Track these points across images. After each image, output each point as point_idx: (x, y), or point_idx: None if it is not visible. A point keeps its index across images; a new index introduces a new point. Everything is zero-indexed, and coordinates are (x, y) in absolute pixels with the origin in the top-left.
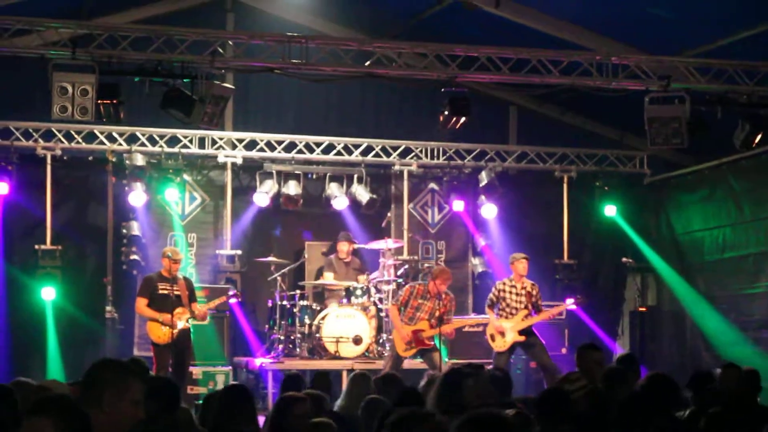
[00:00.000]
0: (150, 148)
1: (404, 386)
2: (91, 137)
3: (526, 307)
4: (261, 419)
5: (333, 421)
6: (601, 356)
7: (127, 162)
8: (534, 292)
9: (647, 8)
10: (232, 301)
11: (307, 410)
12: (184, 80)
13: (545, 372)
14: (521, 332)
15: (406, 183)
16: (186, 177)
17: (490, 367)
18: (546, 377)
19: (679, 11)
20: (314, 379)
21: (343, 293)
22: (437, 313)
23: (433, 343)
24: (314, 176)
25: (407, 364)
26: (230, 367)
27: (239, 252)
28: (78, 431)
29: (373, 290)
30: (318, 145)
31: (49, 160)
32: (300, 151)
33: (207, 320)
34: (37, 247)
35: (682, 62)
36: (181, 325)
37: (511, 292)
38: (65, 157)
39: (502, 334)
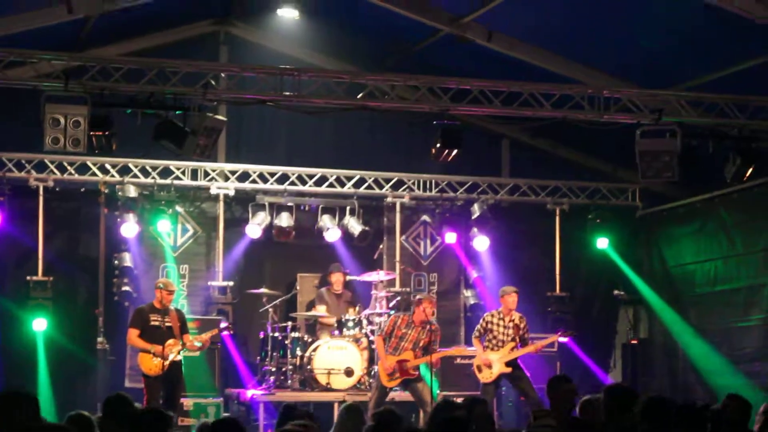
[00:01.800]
0: (142, 179)
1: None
2: (83, 169)
3: (513, 340)
4: None
5: None
6: (572, 387)
7: (120, 193)
8: (522, 325)
9: (640, 42)
10: (225, 333)
11: None
12: (177, 112)
13: (531, 405)
14: (507, 364)
15: (398, 215)
16: (178, 208)
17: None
18: (532, 411)
19: (671, 45)
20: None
21: (335, 325)
22: (422, 343)
23: (417, 373)
24: (306, 208)
25: (399, 396)
26: (222, 399)
27: (231, 283)
28: None
29: (365, 322)
30: (310, 176)
31: (41, 192)
32: (292, 183)
33: (198, 352)
34: (28, 278)
35: (674, 96)
36: (172, 357)
37: (498, 325)
38: (57, 189)
39: (489, 365)
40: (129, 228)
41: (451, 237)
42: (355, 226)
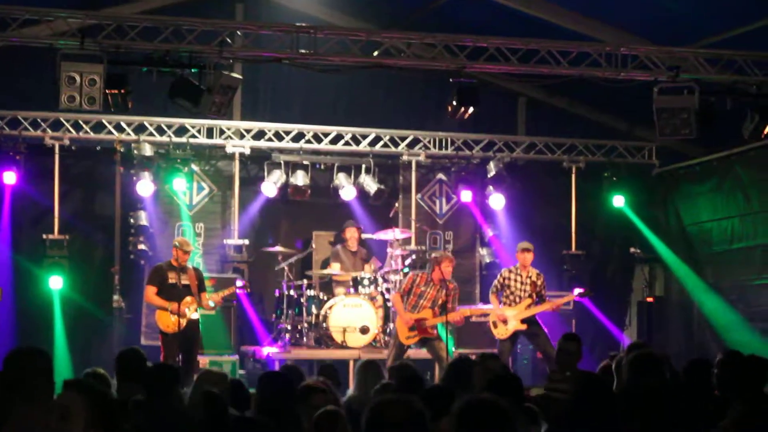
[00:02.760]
0: (158, 138)
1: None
2: (99, 127)
3: (530, 296)
4: None
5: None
6: (574, 346)
7: (135, 152)
8: (539, 282)
9: None
10: (241, 291)
11: (327, 401)
12: (192, 70)
13: (548, 362)
14: (524, 321)
15: (414, 173)
16: (194, 167)
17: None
18: (549, 367)
19: (689, 1)
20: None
21: (350, 283)
22: (440, 301)
23: (436, 331)
24: (322, 167)
25: (414, 354)
26: (237, 357)
27: (246, 242)
28: (101, 408)
29: (380, 280)
30: (326, 135)
31: (57, 150)
32: (308, 141)
33: (214, 311)
34: (44, 236)
35: (692, 53)
36: (189, 314)
37: (516, 281)
38: (73, 147)
39: (505, 321)
40: (144, 186)
41: (466, 195)
42: (370, 184)
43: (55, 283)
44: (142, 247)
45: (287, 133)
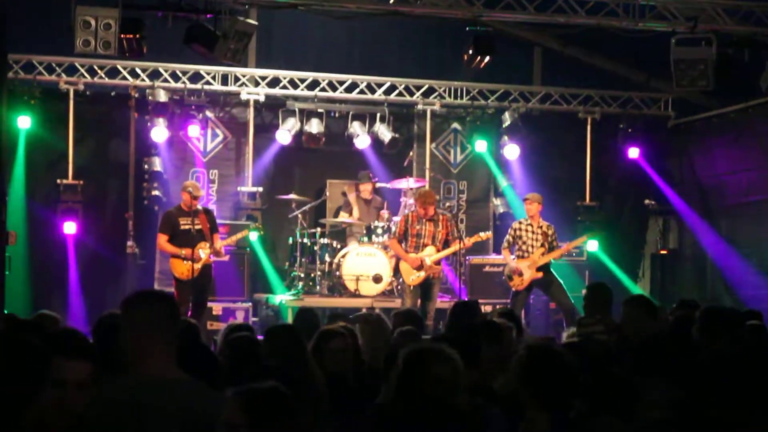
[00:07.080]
0: (173, 84)
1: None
2: (113, 73)
3: (542, 245)
4: None
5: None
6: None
7: (150, 98)
8: (550, 233)
9: None
10: (254, 234)
11: (346, 345)
12: (208, 16)
13: (564, 312)
14: (538, 269)
15: (428, 122)
16: (208, 113)
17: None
18: (565, 317)
19: None
20: None
21: (364, 231)
22: (440, 236)
23: (439, 268)
24: (337, 115)
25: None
26: (250, 304)
27: (260, 189)
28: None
29: (393, 229)
30: (341, 83)
31: (71, 95)
32: (323, 89)
33: (226, 257)
34: (59, 181)
35: (710, 3)
36: (203, 257)
37: (527, 231)
38: (88, 92)
39: (520, 273)
40: (159, 132)
41: (481, 145)
42: (385, 133)
43: (69, 228)
44: (156, 193)
45: (302, 80)
